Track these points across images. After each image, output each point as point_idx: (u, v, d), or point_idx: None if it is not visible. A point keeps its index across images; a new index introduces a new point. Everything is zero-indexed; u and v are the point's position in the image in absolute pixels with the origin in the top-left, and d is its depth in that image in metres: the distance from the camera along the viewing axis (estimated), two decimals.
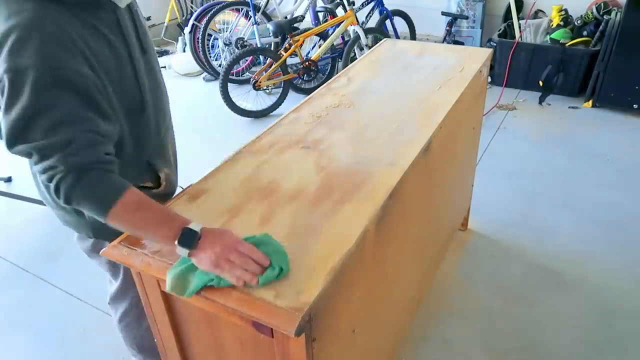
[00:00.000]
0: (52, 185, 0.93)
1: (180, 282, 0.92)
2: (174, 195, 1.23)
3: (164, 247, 0.99)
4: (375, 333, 1.38)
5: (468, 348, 1.87)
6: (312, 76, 4.00)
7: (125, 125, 1.09)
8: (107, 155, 0.97)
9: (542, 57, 3.75)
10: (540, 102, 3.75)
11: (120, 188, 0.95)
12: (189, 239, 0.92)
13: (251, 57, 4.28)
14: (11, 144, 0.92)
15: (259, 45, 4.10)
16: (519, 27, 3.95)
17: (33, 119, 0.89)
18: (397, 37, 4.39)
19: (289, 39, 3.68)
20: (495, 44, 3.91)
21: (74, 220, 1.22)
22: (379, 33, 4.00)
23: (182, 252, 0.92)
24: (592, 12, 3.74)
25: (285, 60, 3.68)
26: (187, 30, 4.26)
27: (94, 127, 0.95)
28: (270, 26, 3.83)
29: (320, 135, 1.42)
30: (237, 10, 4.32)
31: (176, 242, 0.92)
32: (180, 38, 4.79)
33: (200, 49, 4.18)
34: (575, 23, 3.81)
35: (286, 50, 3.69)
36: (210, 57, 4.30)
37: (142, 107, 1.13)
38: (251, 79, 3.75)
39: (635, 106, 3.47)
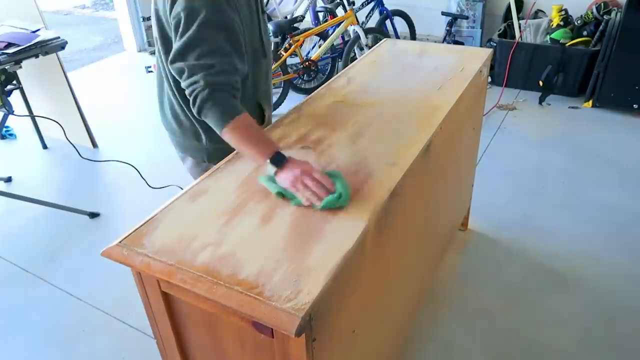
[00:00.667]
0: (191, 97, 1.20)
1: (268, 183, 1.17)
2: None
3: (258, 163, 1.23)
4: (375, 333, 1.38)
5: (468, 348, 1.87)
6: (312, 76, 4.00)
7: (249, 68, 1.37)
8: (236, 84, 1.24)
9: (542, 57, 3.75)
10: (540, 102, 3.75)
11: (238, 110, 1.21)
12: (279, 159, 1.16)
13: None
14: (173, 61, 1.22)
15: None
16: (519, 27, 3.95)
17: (192, 45, 1.18)
18: (397, 37, 4.39)
19: (289, 39, 3.68)
20: (495, 44, 3.91)
21: (193, 145, 1.50)
22: (379, 33, 4.00)
23: (271, 168, 1.17)
24: (592, 12, 3.74)
25: (285, 60, 3.68)
26: None
27: (232, 61, 1.23)
28: (270, 26, 3.83)
29: (320, 135, 1.42)
30: None
31: (268, 160, 1.16)
32: None
33: None
34: (575, 23, 3.81)
35: (286, 50, 3.69)
36: None
37: (262, 54, 1.44)
38: None
39: (635, 106, 3.47)
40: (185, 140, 1.51)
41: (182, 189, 1.24)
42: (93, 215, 2.69)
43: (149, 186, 2.71)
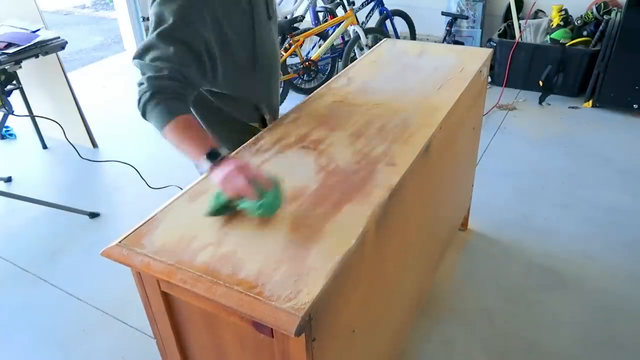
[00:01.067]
0: (137, 97, 1.22)
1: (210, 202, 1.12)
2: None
3: (197, 161, 1.17)
4: (375, 333, 1.38)
5: (468, 348, 1.87)
6: (312, 76, 4.00)
7: (237, 76, 1.39)
8: (182, 91, 1.23)
9: (542, 57, 3.75)
10: (540, 102, 3.75)
11: (176, 112, 1.19)
12: (214, 156, 1.13)
13: None
14: (134, 56, 1.27)
15: None
16: (519, 27, 3.95)
17: (150, 48, 1.23)
18: (397, 37, 4.40)
19: (289, 39, 3.68)
20: (495, 44, 3.91)
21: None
22: (379, 33, 4.00)
23: (206, 164, 1.13)
24: (592, 12, 3.74)
25: (285, 60, 3.68)
26: None
27: (185, 71, 1.23)
28: None
29: (320, 135, 1.42)
30: None
31: (204, 156, 1.13)
32: None
33: None
34: (575, 23, 3.81)
35: (286, 50, 3.69)
36: None
37: (252, 66, 1.42)
38: None
39: (635, 106, 3.47)
40: None
41: (182, 189, 1.24)
42: (93, 215, 2.69)
43: (149, 186, 2.72)
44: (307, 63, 3.82)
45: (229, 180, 1.07)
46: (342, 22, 3.86)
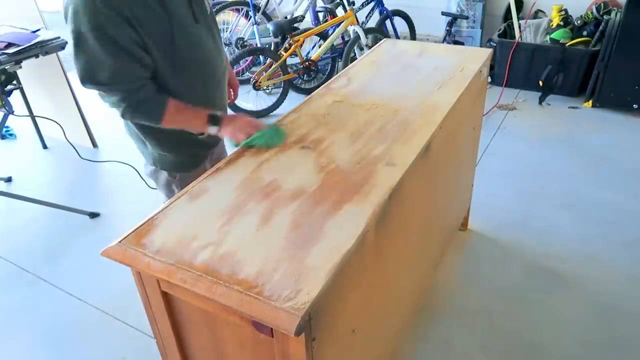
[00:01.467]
0: (119, 113, 1.33)
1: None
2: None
3: (203, 131, 1.41)
4: (375, 333, 1.38)
5: (468, 348, 1.87)
6: (312, 76, 4.00)
7: (172, 78, 1.37)
8: (148, 87, 1.32)
9: (542, 57, 3.75)
10: (540, 102, 3.75)
11: (163, 103, 1.34)
12: (215, 121, 1.38)
13: (251, 57, 4.28)
14: (84, 83, 1.29)
15: (259, 45, 4.10)
16: (519, 27, 3.95)
17: (96, 69, 1.25)
18: (397, 37, 4.40)
19: (289, 39, 3.68)
20: (495, 44, 3.91)
21: (142, 149, 1.61)
22: (379, 33, 4.01)
23: (214, 130, 1.39)
24: (592, 12, 3.74)
25: (285, 60, 3.68)
26: None
27: (138, 73, 1.29)
28: (270, 26, 3.83)
29: (320, 135, 1.42)
30: (237, 10, 4.32)
31: (208, 125, 1.37)
32: None
33: None
34: (575, 23, 3.81)
35: (286, 50, 3.69)
36: None
37: (186, 65, 1.38)
38: (251, 79, 3.75)
39: (635, 106, 3.47)
40: (136, 143, 1.62)
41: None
42: (93, 215, 2.69)
43: (149, 186, 2.71)
44: (307, 63, 3.82)
45: (236, 131, 1.38)
46: (342, 22, 3.86)
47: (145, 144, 1.54)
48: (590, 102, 3.65)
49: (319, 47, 3.96)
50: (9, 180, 3.07)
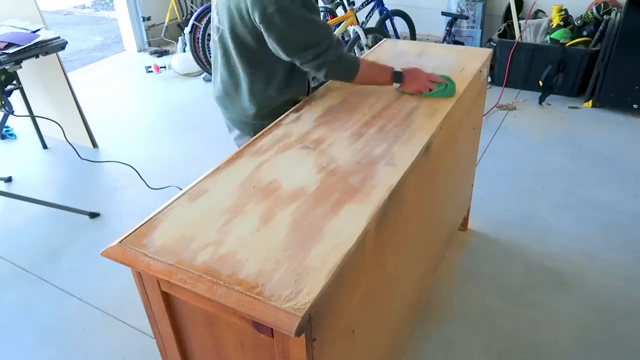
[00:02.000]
0: (322, 72, 1.53)
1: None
2: None
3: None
4: (375, 333, 1.38)
5: (468, 348, 1.87)
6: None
7: None
8: (342, 47, 1.55)
9: (542, 57, 3.75)
10: (540, 102, 3.75)
11: (356, 59, 1.58)
12: (398, 77, 1.63)
13: None
14: (290, 53, 1.48)
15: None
16: (519, 27, 3.95)
17: (305, 41, 1.46)
18: (397, 37, 4.40)
19: None
20: (495, 44, 3.91)
21: (244, 122, 1.71)
22: (379, 33, 4.00)
23: (397, 84, 1.64)
24: (592, 12, 3.74)
25: None
26: (187, 30, 4.26)
27: (330, 33, 1.52)
28: None
29: (320, 135, 1.42)
30: None
31: (392, 80, 1.63)
32: (180, 38, 4.79)
33: (200, 49, 4.18)
34: (575, 23, 3.81)
35: None
36: (210, 57, 4.30)
37: None
38: None
39: (635, 106, 3.47)
40: (235, 116, 1.73)
41: (181, 189, 1.24)
42: (93, 215, 2.69)
43: (149, 187, 2.72)
44: None
45: (417, 86, 1.62)
46: (342, 22, 3.86)
47: (252, 117, 1.67)
48: (590, 102, 3.65)
49: None
50: (9, 180, 3.07)
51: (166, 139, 3.52)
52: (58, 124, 2.76)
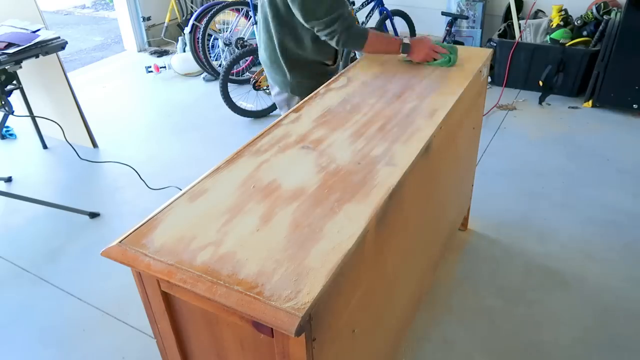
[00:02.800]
0: (334, 40, 1.75)
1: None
2: None
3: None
4: (375, 333, 1.38)
5: (468, 348, 1.87)
6: None
7: None
8: (353, 19, 1.76)
9: (542, 57, 3.75)
10: (540, 102, 3.75)
11: (365, 29, 1.79)
12: (406, 47, 1.82)
13: (251, 57, 4.28)
14: (307, 20, 1.73)
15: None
16: (519, 27, 3.95)
17: (317, 7, 1.68)
18: None
19: None
20: (495, 44, 3.91)
21: (281, 80, 2.00)
22: None
23: (404, 55, 1.85)
24: (592, 12, 3.74)
25: None
26: (187, 30, 4.26)
27: (344, 5, 1.73)
28: None
29: (320, 135, 1.42)
30: (237, 10, 4.32)
31: (400, 51, 1.83)
32: (180, 38, 4.80)
33: (200, 49, 4.18)
34: (575, 23, 3.81)
35: None
36: (210, 57, 4.31)
37: None
38: (251, 79, 3.75)
39: (635, 106, 3.47)
40: (275, 75, 2.01)
41: (180, 189, 1.24)
42: (93, 215, 2.69)
43: (148, 187, 2.72)
44: None
45: (424, 55, 1.82)
46: None
47: (287, 76, 1.95)
48: (590, 102, 3.65)
49: None
50: (9, 180, 3.07)
51: (166, 139, 3.53)
52: (58, 124, 2.76)
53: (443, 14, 4.28)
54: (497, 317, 1.99)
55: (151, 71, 4.57)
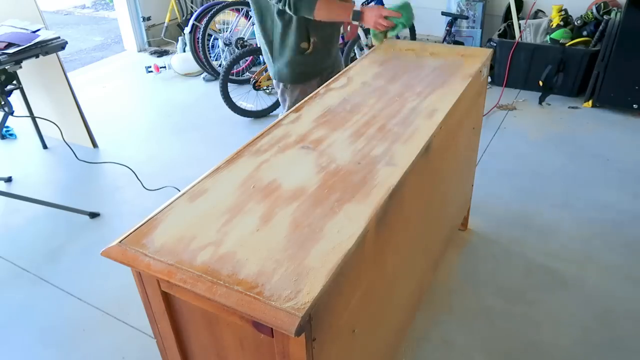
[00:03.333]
0: (286, 6, 1.80)
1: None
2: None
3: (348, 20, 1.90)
4: (375, 333, 1.38)
5: (468, 348, 1.87)
6: None
7: None
8: None
9: (542, 57, 3.75)
10: (540, 102, 3.75)
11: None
12: (357, 14, 1.87)
13: (251, 57, 4.28)
14: None
15: (259, 45, 4.10)
16: (519, 27, 3.95)
17: None
18: (397, 37, 4.39)
19: None
20: (495, 44, 3.91)
21: (272, 69, 2.10)
22: None
23: (355, 21, 1.89)
24: (592, 12, 3.74)
25: None
26: (187, 30, 4.26)
27: None
28: None
29: (320, 135, 1.42)
30: (237, 10, 4.32)
31: (351, 18, 1.87)
32: (180, 38, 4.80)
33: (200, 49, 4.18)
34: (575, 23, 3.81)
35: None
36: (210, 57, 4.31)
37: None
38: (251, 79, 3.75)
39: (635, 106, 3.47)
40: (269, 66, 2.13)
41: (178, 190, 1.24)
42: (93, 215, 2.69)
43: (144, 187, 2.72)
44: None
45: (374, 23, 1.87)
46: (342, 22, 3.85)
47: (272, 63, 2.08)
48: (590, 102, 3.65)
49: None
50: (9, 180, 3.07)
51: (166, 139, 3.52)
52: (56, 124, 2.76)
53: (443, 14, 4.28)
54: (497, 317, 1.99)
55: (151, 71, 4.57)
